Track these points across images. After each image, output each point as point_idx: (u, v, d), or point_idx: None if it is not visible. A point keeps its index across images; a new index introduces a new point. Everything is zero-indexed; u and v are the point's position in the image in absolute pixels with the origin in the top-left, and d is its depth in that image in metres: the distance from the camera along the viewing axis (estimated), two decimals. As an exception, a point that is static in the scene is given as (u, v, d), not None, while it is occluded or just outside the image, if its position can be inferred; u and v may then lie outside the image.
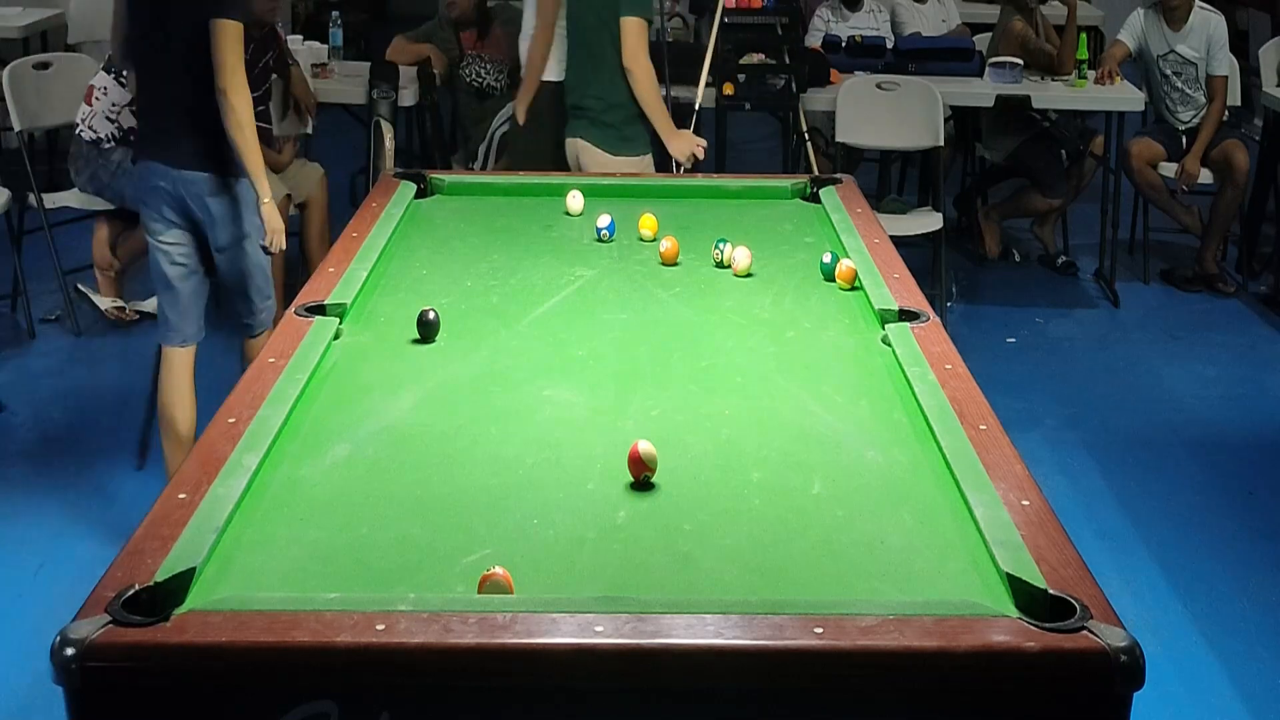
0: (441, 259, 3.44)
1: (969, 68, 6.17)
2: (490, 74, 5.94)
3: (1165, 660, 3.45)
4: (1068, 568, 1.92)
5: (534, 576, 1.94)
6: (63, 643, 1.70)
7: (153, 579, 1.84)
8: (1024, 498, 2.13)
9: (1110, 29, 7.27)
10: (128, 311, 5.63)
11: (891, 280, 3.14)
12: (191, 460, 2.21)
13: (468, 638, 1.73)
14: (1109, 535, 4.12)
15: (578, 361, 2.80)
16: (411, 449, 2.37)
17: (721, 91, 5.67)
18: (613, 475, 2.25)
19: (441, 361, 2.78)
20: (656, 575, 1.98)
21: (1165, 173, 6.32)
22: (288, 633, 1.73)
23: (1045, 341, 5.78)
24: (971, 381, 2.58)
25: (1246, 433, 4.93)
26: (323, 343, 2.74)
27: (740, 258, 3.33)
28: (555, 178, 4.27)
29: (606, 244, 3.57)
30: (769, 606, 1.82)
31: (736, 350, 2.88)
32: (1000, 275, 6.51)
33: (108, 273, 5.63)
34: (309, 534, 2.07)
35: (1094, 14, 7.91)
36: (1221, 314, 6.12)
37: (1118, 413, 5.04)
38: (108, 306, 5.58)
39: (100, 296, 5.61)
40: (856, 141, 5.91)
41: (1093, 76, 6.22)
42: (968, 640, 1.76)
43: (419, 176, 4.01)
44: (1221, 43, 6.24)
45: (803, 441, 2.43)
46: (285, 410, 2.41)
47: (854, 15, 6.65)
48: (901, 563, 2.03)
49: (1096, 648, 1.73)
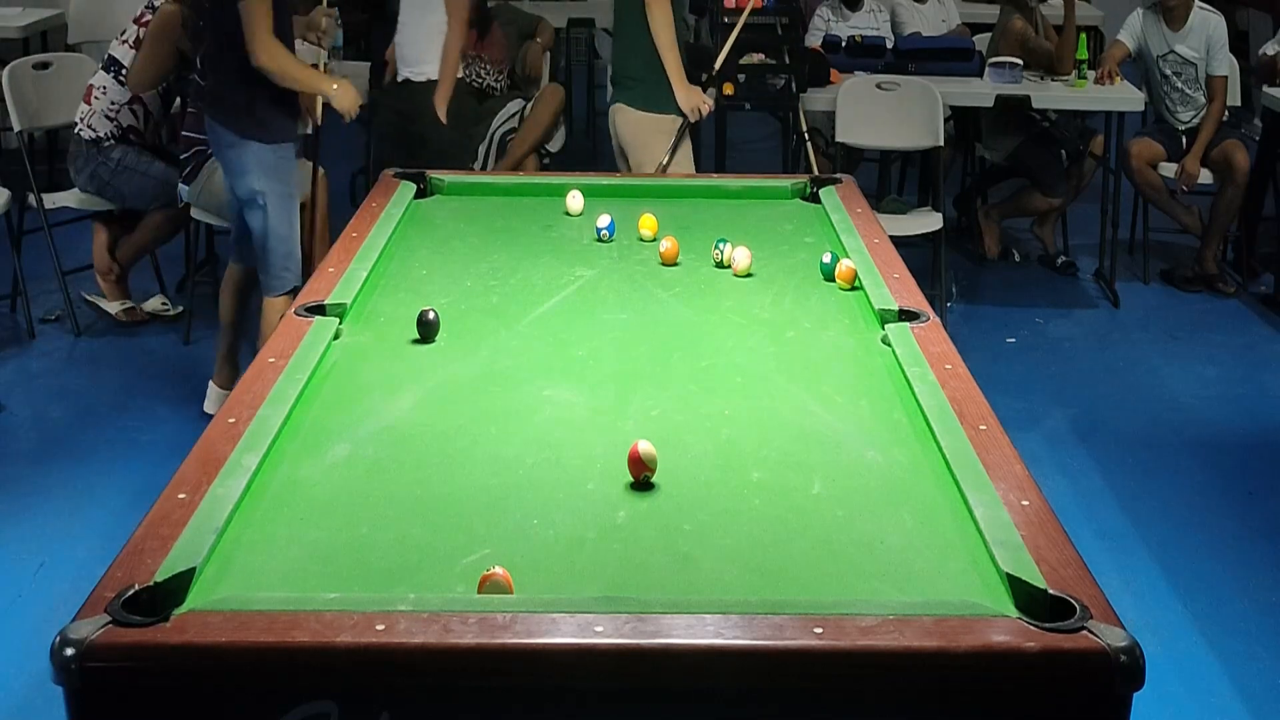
0: (441, 259, 3.44)
1: (969, 68, 6.17)
2: (490, 74, 5.93)
3: (1165, 660, 3.44)
4: (1068, 568, 1.92)
5: (534, 576, 1.94)
6: (63, 643, 1.70)
7: (153, 579, 1.84)
8: (1024, 498, 2.13)
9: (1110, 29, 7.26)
10: (139, 311, 5.62)
11: (891, 280, 3.14)
12: (191, 460, 2.21)
13: (468, 638, 1.73)
14: (1109, 535, 4.11)
15: (578, 361, 2.80)
16: (411, 449, 2.37)
17: (721, 91, 5.67)
18: (613, 475, 2.25)
19: (441, 361, 2.78)
20: (656, 575, 1.98)
21: (1165, 173, 6.32)
22: (288, 633, 1.73)
23: (1045, 341, 5.77)
24: (971, 381, 2.58)
25: (1246, 433, 4.93)
26: (323, 343, 2.74)
27: (740, 258, 3.32)
28: (555, 178, 4.27)
29: (606, 244, 3.57)
30: (769, 606, 1.82)
31: (736, 350, 2.88)
32: (1000, 275, 6.51)
33: (109, 277, 5.62)
34: (309, 534, 2.07)
35: (1094, 14, 7.91)
36: (1221, 314, 6.12)
37: (1118, 413, 5.04)
38: (116, 311, 5.57)
39: (108, 302, 5.60)
40: (856, 141, 5.91)
41: (1093, 77, 6.22)
42: (968, 640, 1.76)
43: (419, 176, 4.01)
44: (1221, 43, 6.24)
45: (803, 441, 2.43)
46: (285, 410, 2.41)
47: (854, 15, 6.64)
48: (901, 563, 2.02)
49: (1096, 648, 1.73)
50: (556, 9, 7.37)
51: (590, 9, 7.84)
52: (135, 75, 5.27)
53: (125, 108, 5.33)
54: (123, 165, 5.33)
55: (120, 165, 5.32)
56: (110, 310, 5.58)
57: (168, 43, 5.25)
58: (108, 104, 5.29)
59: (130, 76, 5.28)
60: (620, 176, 4.36)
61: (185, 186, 5.25)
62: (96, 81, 5.32)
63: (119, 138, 5.33)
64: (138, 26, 5.32)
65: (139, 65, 5.26)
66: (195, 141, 5.20)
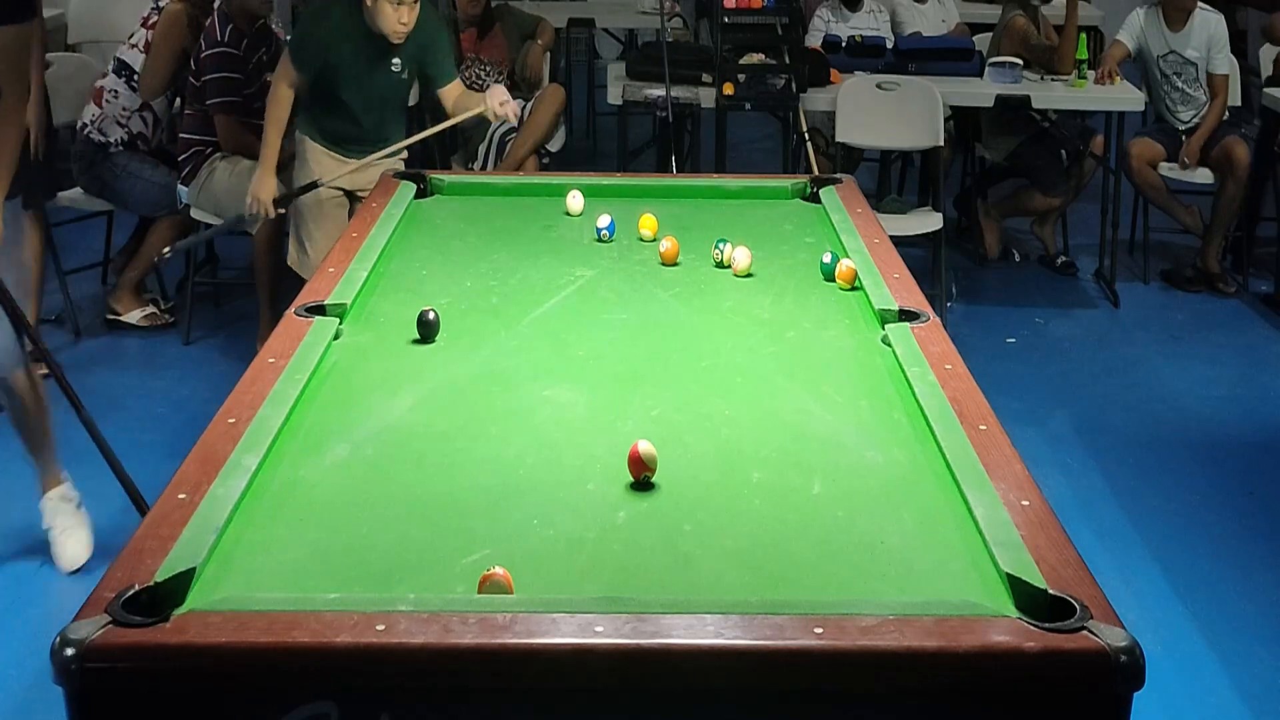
0: (441, 259, 3.44)
1: (969, 68, 6.17)
2: (490, 75, 5.94)
3: (1165, 660, 3.44)
4: (1068, 568, 1.92)
5: (534, 576, 1.94)
6: (63, 643, 1.70)
7: (152, 579, 1.84)
8: (1024, 498, 2.13)
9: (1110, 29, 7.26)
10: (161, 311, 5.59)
11: (891, 280, 3.14)
12: (191, 460, 2.21)
13: (468, 638, 1.73)
14: (1109, 535, 4.11)
15: (578, 361, 2.80)
16: (411, 449, 2.37)
17: (721, 91, 5.67)
18: (613, 475, 2.25)
19: (441, 361, 2.78)
20: (656, 575, 1.98)
21: (1165, 173, 6.32)
22: (288, 633, 1.73)
23: (1045, 341, 5.77)
24: (971, 381, 2.58)
25: (1246, 433, 4.93)
26: (323, 343, 2.74)
27: (740, 258, 3.32)
28: (555, 178, 4.27)
29: (606, 244, 3.57)
30: (769, 606, 1.82)
31: (736, 350, 2.88)
32: (1000, 275, 6.51)
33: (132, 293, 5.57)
34: (309, 534, 2.07)
35: (1094, 14, 7.91)
36: (1221, 314, 6.12)
37: (1118, 413, 5.04)
38: (138, 319, 5.54)
39: (128, 314, 5.55)
40: (856, 141, 5.91)
41: (1093, 76, 6.22)
42: (968, 640, 1.76)
43: (419, 176, 4.01)
44: (1222, 42, 6.24)
45: (803, 441, 2.43)
46: (285, 410, 2.41)
47: (854, 15, 6.64)
48: (901, 563, 2.02)
49: (1096, 648, 1.73)
50: (556, 9, 7.37)
51: (590, 9, 7.85)
52: (146, 82, 5.28)
53: (136, 115, 5.34)
54: (128, 171, 5.33)
55: (125, 171, 5.33)
56: (132, 321, 5.54)
57: (175, 44, 5.26)
58: (119, 109, 5.30)
59: (141, 84, 5.29)
60: (620, 176, 4.36)
61: (184, 188, 5.25)
62: (107, 85, 5.32)
63: (127, 144, 5.33)
64: (145, 30, 5.32)
65: (148, 71, 5.27)
66: (193, 143, 5.21)
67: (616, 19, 7.99)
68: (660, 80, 5.62)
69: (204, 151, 5.20)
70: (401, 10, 4.27)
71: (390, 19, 4.28)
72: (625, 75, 6.01)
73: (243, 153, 5.17)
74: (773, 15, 5.75)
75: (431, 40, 4.48)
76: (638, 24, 7.88)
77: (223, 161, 5.18)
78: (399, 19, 4.28)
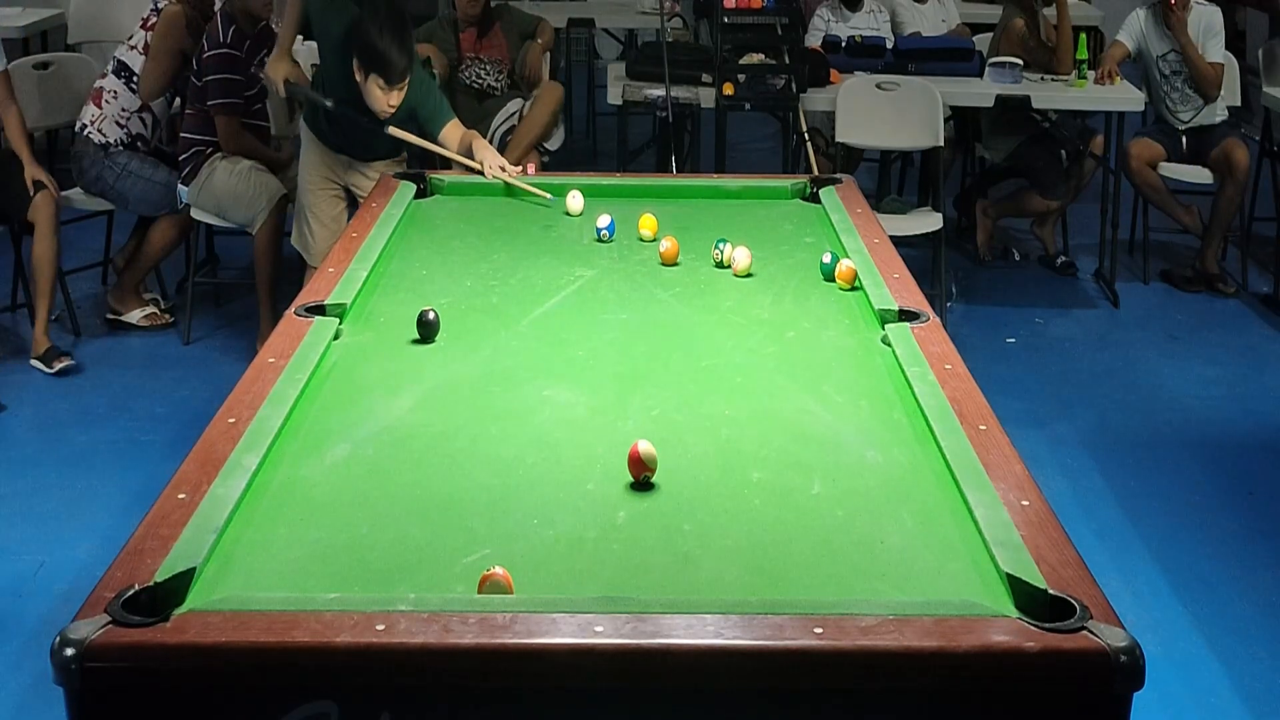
0: (441, 259, 3.44)
1: (969, 68, 6.17)
2: (490, 75, 5.94)
3: (1165, 660, 3.44)
4: (1068, 568, 1.92)
5: (534, 576, 1.94)
6: (63, 643, 1.70)
7: (152, 579, 1.84)
8: (1024, 498, 2.13)
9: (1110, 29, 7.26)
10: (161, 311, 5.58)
11: (891, 280, 3.14)
12: (191, 460, 2.21)
13: (468, 638, 1.73)
14: (1109, 535, 4.11)
15: (578, 361, 2.80)
16: (411, 449, 2.37)
17: (721, 91, 5.67)
18: (613, 475, 2.25)
19: (441, 361, 2.78)
20: (656, 575, 1.98)
21: (1165, 173, 6.32)
22: (288, 633, 1.73)
23: (1045, 341, 5.77)
24: (971, 381, 2.58)
25: (1246, 433, 4.93)
26: (323, 343, 2.74)
27: (740, 258, 3.32)
28: (555, 178, 4.27)
29: (606, 244, 3.57)
30: (769, 606, 1.82)
31: (736, 350, 2.88)
32: (1000, 275, 6.51)
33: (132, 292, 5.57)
34: (309, 534, 2.07)
35: (1094, 14, 7.91)
36: (1221, 314, 6.11)
37: (1118, 413, 5.04)
38: (138, 319, 5.54)
39: (129, 314, 5.55)
40: (856, 141, 5.91)
41: (1093, 77, 6.21)
42: (968, 640, 1.76)
43: (419, 176, 4.01)
44: (1214, 31, 6.21)
45: (803, 441, 2.43)
46: (285, 410, 2.41)
47: (854, 15, 6.64)
48: (901, 563, 2.03)
49: (1096, 648, 1.73)
50: (556, 9, 7.37)
51: (590, 9, 7.84)
52: (145, 84, 5.29)
53: (136, 116, 5.34)
54: (128, 171, 5.33)
55: (125, 171, 5.32)
56: (132, 320, 5.54)
57: (173, 45, 5.26)
58: (118, 110, 5.30)
59: (141, 86, 5.29)
60: (620, 176, 4.36)
61: (184, 187, 5.25)
62: (107, 85, 5.32)
63: (127, 144, 5.33)
64: (145, 31, 5.32)
65: (148, 73, 5.27)
66: (194, 142, 5.21)
67: (616, 19, 7.98)
68: (660, 80, 5.62)
69: (204, 151, 5.20)
70: (391, 94, 4.28)
71: (379, 100, 4.30)
72: (625, 75, 6.01)
73: (243, 154, 5.18)
74: (773, 15, 5.74)
75: (420, 99, 4.47)
76: (638, 24, 7.87)
77: (223, 161, 5.19)
78: (388, 101, 4.30)
